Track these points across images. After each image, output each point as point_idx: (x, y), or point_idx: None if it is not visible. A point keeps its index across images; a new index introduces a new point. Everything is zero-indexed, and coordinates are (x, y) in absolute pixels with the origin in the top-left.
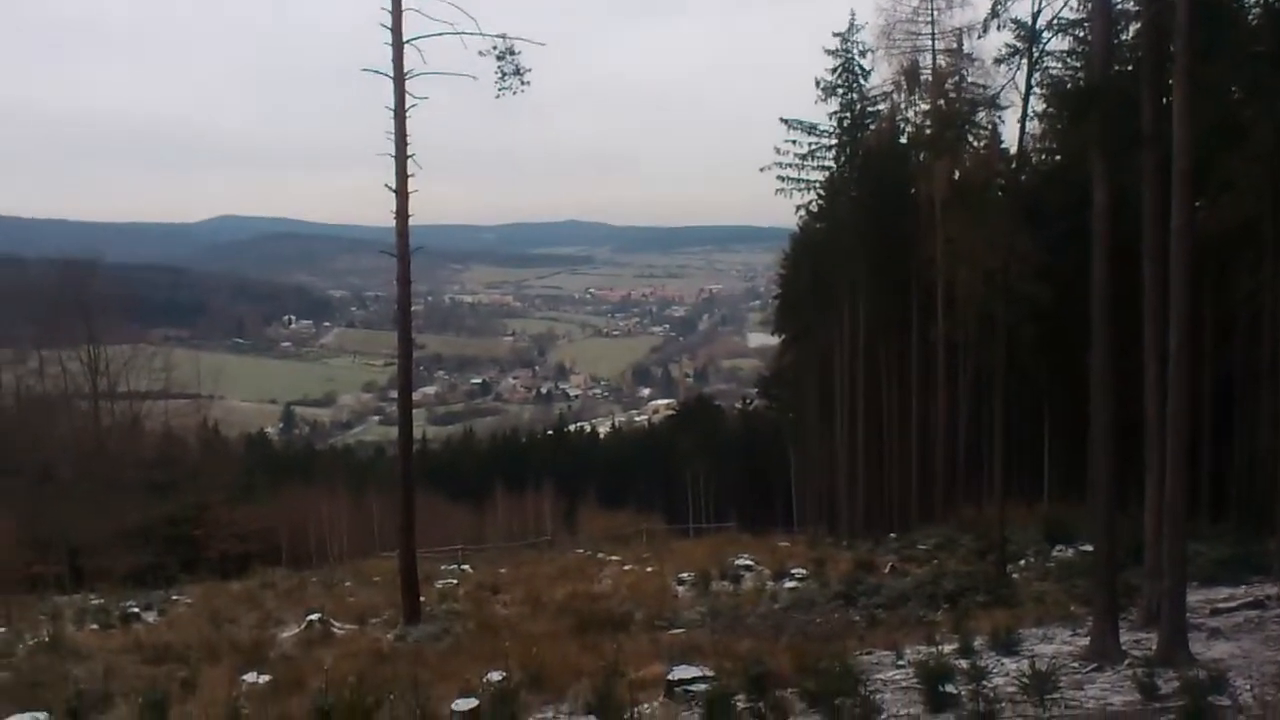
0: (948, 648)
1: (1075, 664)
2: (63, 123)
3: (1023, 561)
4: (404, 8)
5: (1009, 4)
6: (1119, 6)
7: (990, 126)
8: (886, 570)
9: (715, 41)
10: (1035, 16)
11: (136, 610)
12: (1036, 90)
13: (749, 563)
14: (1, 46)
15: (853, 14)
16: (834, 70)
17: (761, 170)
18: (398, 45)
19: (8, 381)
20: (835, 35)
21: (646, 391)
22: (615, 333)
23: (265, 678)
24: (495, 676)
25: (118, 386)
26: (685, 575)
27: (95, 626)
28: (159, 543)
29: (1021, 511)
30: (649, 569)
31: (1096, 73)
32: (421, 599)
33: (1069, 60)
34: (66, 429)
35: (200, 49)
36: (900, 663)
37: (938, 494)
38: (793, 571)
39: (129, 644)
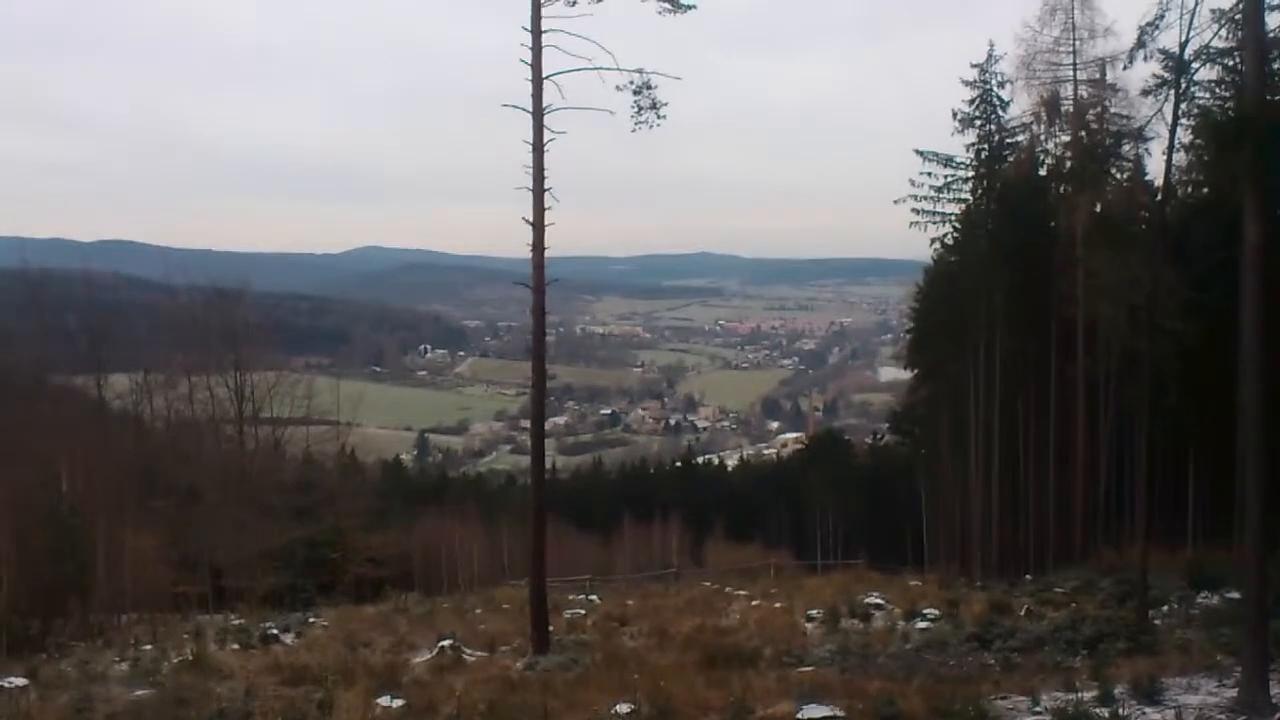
0: (1087, 695)
1: (1222, 716)
2: (213, 155)
3: (1166, 607)
4: (543, 45)
5: (1156, 34)
6: (1272, 34)
7: (1134, 158)
8: (1022, 613)
9: (850, 72)
10: (1183, 46)
11: (275, 631)
12: (1184, 121)
13: (879, 601)
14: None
15: (991, 44)
16: (971, 101)
17: (896, 203)
18: (537, 81)
19: (159, 406)
20: (973, 66)
21: (775, 425)
22: (744, 365)
23: (399, 702)
24: (623, 709)
25: (261, 412)
26: (814, 612)
27: (236, 646)
28: (298, 565)
29: (1164, 555)
30: (777, 604)
31: (1248, 103)
32: (550, 628)
33: (1218, 90)
34: (213, 452)
35: (348, 83)
36: (1037, 709)
37: (1076, 535)
38: (924, 611)
39: (268, 664)
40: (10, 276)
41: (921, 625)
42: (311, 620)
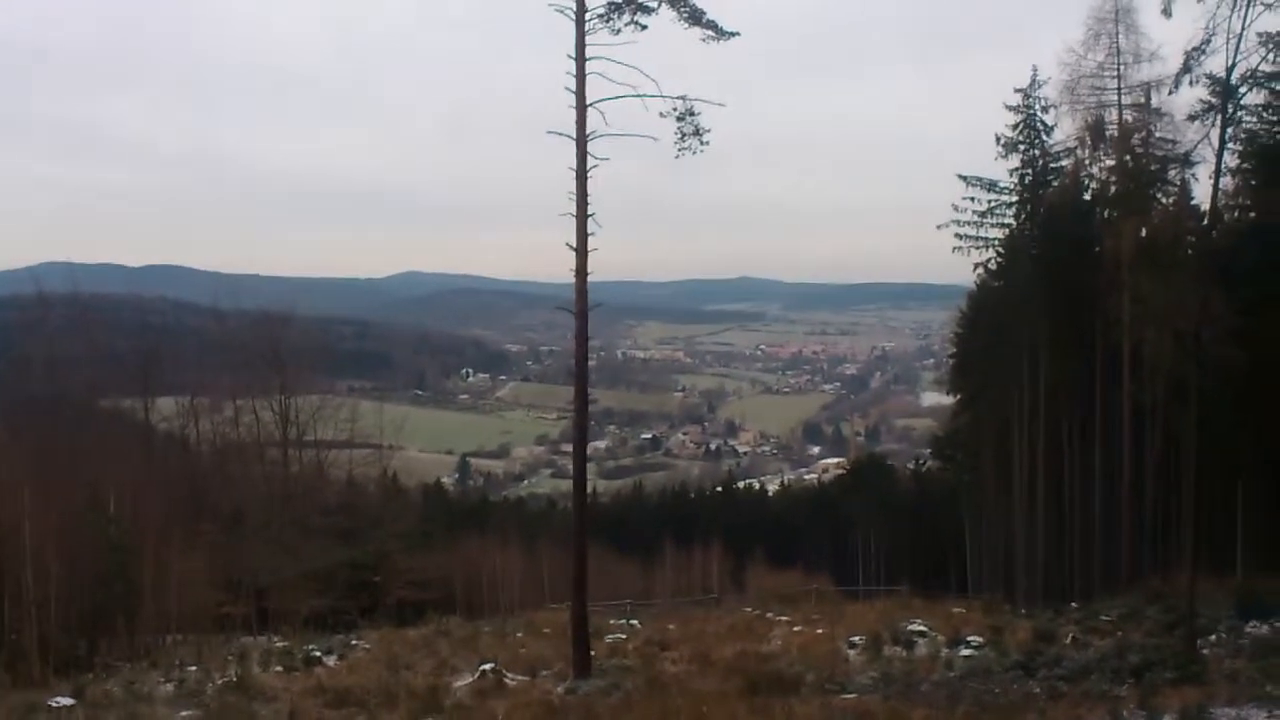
0: None
1: None
2: (261, 180)
3: (1213, 636)
4: (587, 72)
5: (1202, 59)
6: None
7: (1180, 183)
8: (1068, 641)
9: (893, 97)
10: (1230, 71)
11: (318, 654)
12: (1231, 146)
13: (922, 628)
14: (204, 107)
15: (1035, 69)
16: (1015, 126)
17: (939, 227)
18: (581, 108)
19: (205, 429)
20: (1016, 91)
21: (816, 450)
22: (785, 390)
23: None
24: None
25: (305, 435)
26: (856, 638)
27: (280, 668)
28: (341, 587)
29: (1213, 583)
30: (819, 630)
31: None
32: (591, 653)
33: (1265, 115)
34: (258, 476)
35: (392, 109)
36: None
37: (1122, 563)
38: (968, 639)
39: (311, 687)
40: (62, 301)
41: (965, 653)
42: (354, 643)
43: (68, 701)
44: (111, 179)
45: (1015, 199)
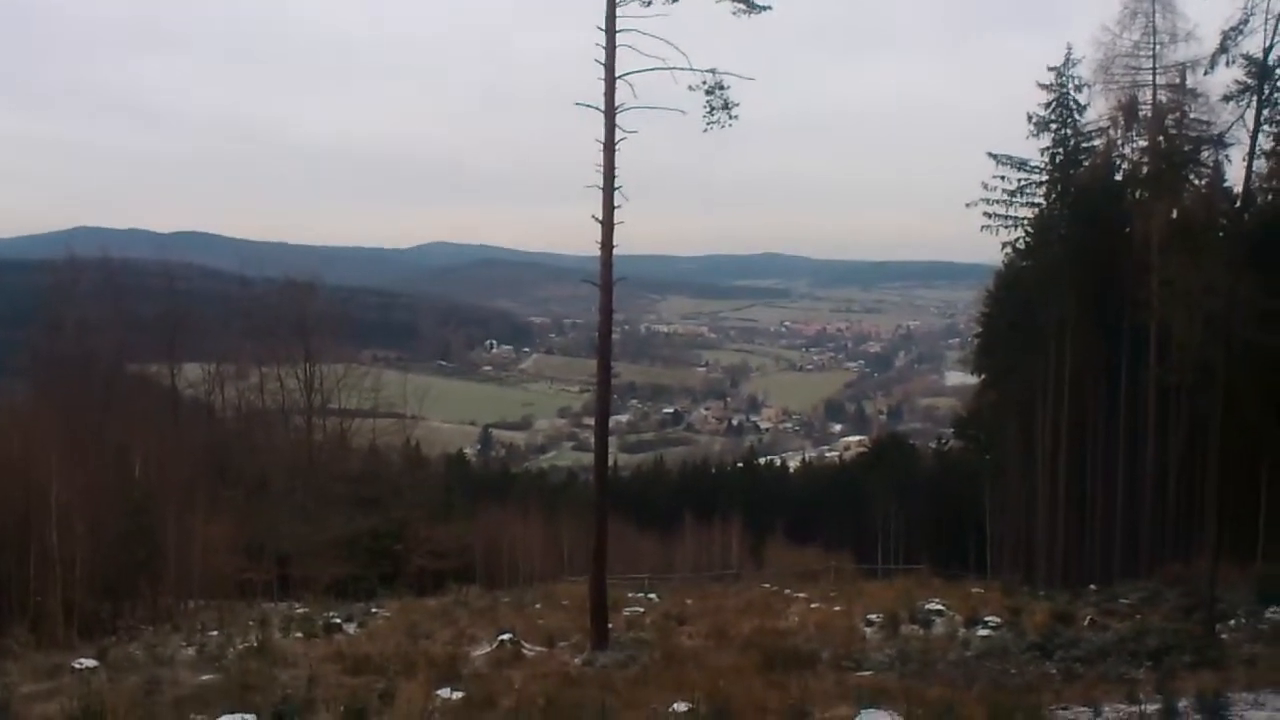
0: (1150, 708)
1: None
2: (288, 149)
3: (1233, 622)
4: (617, 45)
5: (1239, 39)
6: None
7: (1213, 165)
8: (1086, 623)
9: (923, 74)
10: (1267, 52)
11: (338, 621)
12: (1266, 128)
13: (940, 607)
14: (233, 76)
15: (1069, 48)
16: (1048, 105)
17: (967, 206)
18: (610, 80)
19: (230, 395)
20: (1050, 69)
21: (838, 427)
22: (809, 367)
23: (459, 694)
24: (681, 708)
25: (330, 403)
26: (873, 616)
27: (300, 635)
28: (362, 555)
29: (1233, 569)
30: (836, 608)
31: None
32: (609, 625)
33: None
34: (283, 443)
35: (421, 81)
36: None
37: (1143, 546)
38: (986, 619)
39: (331, 653)
40: (92, 265)
41: (983, 633)
42: (374, 610)
43: (90, 663)
44: (142, 145)
45: (1045, 178)
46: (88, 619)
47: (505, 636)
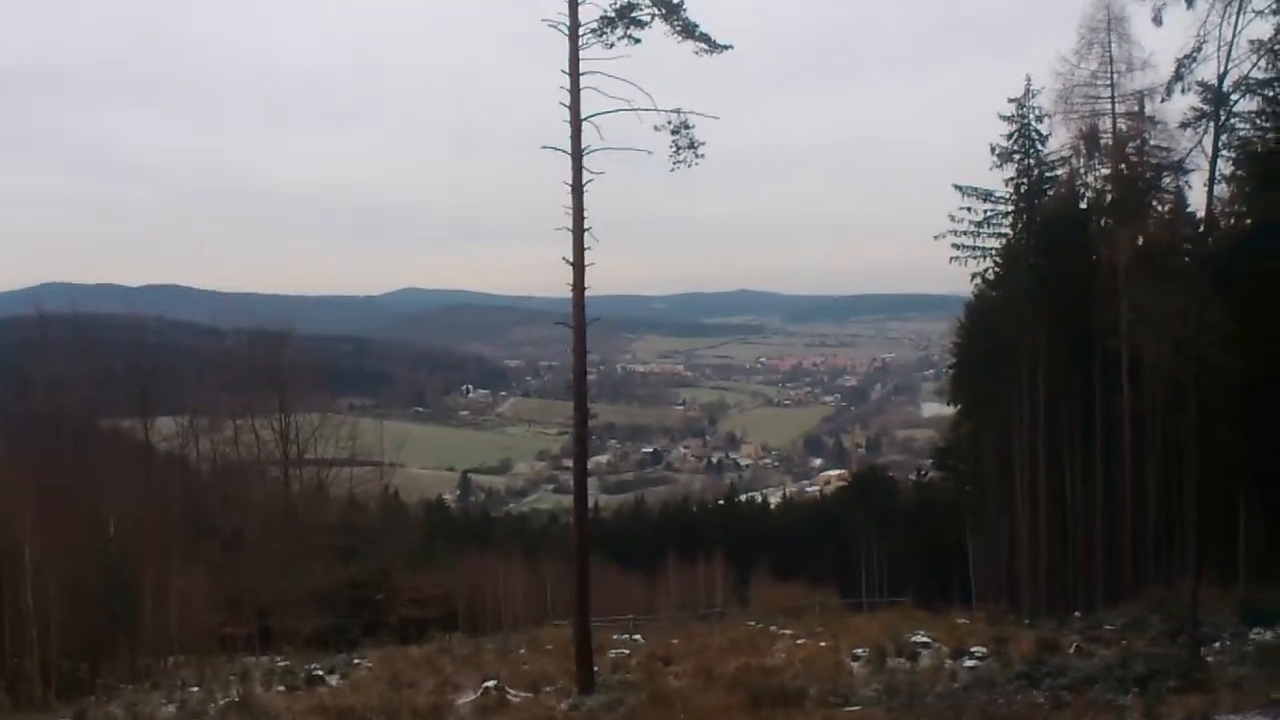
0: None
1: None
2: (256, 199)
3: (1218, 644)
4: (582, 86)
5: (1194, 66)
6: None
7: (1175, 191)
8: (1071, 650)
9: (889, 109)
10: (1222, 78)
11: (321, 673)
12: (1225, 153)
13: (926, 639)
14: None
15: (1028, 79)
16: (1010, 136)
17: (935, 238)
18: (575, 123)
19: (205, 448)
20: (1010, 101)
21: (818, 462)
22: (786, 402)
23: None
24: None
25: (306, 453)
26: (859, 650)
27: (282, 688)
28: (343, 606)
29: (1215, 592)
30: (822, 643)
31: None
32: (595, 668)
33: (1259, 121)
34: (258, 494)
35: (385, 126)
36: None
37: (1125, 571)
38: (972, 650)
39: (314, 706)
40: (61, 321)
41: (969, 664)
42: (356, 661)
43: None
44: (109, 197)
45: (1011, 208)
46: (65, 679)
47: (490, 683)
